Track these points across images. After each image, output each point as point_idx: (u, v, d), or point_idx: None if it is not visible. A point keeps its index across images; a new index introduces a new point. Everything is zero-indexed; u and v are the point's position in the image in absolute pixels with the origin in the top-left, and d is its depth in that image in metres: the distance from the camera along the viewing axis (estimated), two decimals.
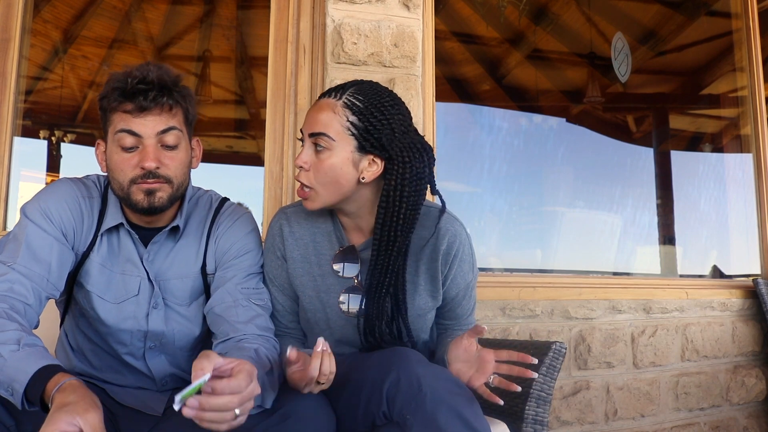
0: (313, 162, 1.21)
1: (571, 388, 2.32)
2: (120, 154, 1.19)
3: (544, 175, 4.36)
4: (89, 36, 3.95)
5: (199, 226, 1.33)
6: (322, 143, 1.20)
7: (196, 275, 1.31)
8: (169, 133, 1.20)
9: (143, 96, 1.16)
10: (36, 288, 1.14)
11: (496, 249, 3.99)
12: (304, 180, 1.22)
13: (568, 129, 4.54)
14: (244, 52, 4.22)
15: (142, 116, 1.18)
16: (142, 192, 1.19)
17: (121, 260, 1.27)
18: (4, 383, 0.98)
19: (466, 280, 1.32)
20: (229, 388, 0.90)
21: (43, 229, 1.19)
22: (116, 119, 1.19)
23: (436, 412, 1.01)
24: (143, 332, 1.27)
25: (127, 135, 1.18)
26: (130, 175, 1.19)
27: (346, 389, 1.14)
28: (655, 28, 4.08)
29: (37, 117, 4.15)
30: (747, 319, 2.74)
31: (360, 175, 1.21)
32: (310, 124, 1.22)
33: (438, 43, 2.31)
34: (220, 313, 1.24)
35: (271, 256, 1.33)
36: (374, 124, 1.20)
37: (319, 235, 1.32)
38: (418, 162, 1.22)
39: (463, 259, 1.30)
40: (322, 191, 1.22)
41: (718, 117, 4.13)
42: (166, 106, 1.19)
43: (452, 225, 1.29)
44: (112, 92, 1.17)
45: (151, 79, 1.17)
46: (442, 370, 1.09)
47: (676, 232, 4.17)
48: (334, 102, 1.21)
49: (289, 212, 1.34)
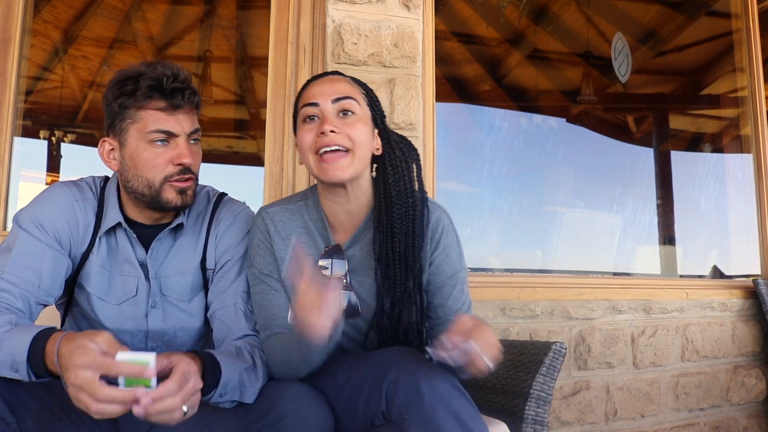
0: (342, 125, 1.19)
1: (571, 388, 2.32)
2: (151, 151, 1.19)
3: (544, 175, 4.36)
4: (89, 36, 3.95)
5: (198, 221, 1.33)
6: (351, 107, 1.21)
7: (196, 270, 1.31)
8: (196, 134, 1.24)
9: (180, 94, 1.18)
10: (25, 295, 1.14)
11: (496, 249, 3.99)
12: (340, 141, 1.18)
13: (568, 129, 4.54)
14: (244, 52, 4.22)
15: (176, 114, 1.19)
16: (175, 191, 1.20)
17: (119, 261, 1.27)
18: (7, 362, 1.00)
19: (453, 269, 1.30)
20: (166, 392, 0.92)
21: (34, 236, 1.19)
22: (146, 116, 1.18)
23: (434, 413, 1.00)
24: (144, 332, 1.27)
25: (162, 134, 1.19)
26: (164, 173, 1.20)
27: (346, 388, 1.13)
28: (655, 28, 4.08)
29: (38, 117, 4.15)
30: (747, 320, 2.74)
31: (374, 146, 1.26)
32: (331, 92, 1.21)
33: (438, 43, 2.31)
34: (221, 317, 1.27)
35: (263, 255, 1.29)
36: (377, 102, 1.29)
37: (303, 235, 1.30)
38: (405, 141, 1.32)
39: (449, 245, 1.29)
40: (358, 154, 1.20)
41: (718, 117, 4.13)
42: (193, 105, 1.23)
43: (435, 210, 1.30)
44: (146, 90, 1.17)
45: (183, 78, 1.19)
46: (441, 370, 1.08)
47: (676, 232, 4.17)
48: (343, 77, 1.27)
49: (271, 212, 1.32)
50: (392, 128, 2.02)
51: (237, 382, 1.10)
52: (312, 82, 1.28)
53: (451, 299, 1.30)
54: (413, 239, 1.23)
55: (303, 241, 1.29)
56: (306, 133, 1.22)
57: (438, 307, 1.31)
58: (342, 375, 1.15)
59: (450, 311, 1.32)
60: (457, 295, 1.31)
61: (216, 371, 1.06)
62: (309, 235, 1.30)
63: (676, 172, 4.27)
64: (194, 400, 0.98)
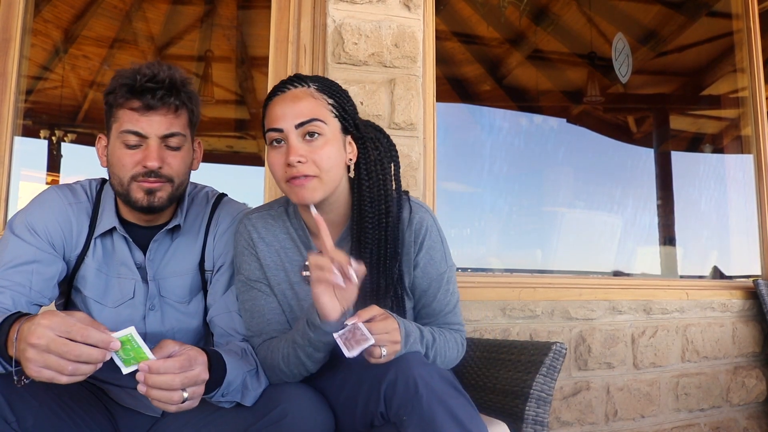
0: (308, 152, 1.16)
1: (571, 388, 2.32)
2: (122, 150, 1.19)
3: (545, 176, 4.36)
4: (90, 36, 3.95)
5: (196, 222, 1.33)
6: (316, 129, 1.17)
7: (194, 271, 1.31)
8: (172, 138, 1.20)
9: (151, 94, 1.16)
10: (17, 297, 1.14)
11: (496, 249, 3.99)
12: (306, 171, 1.16)
13: (568, 129, 4.54)
14: (245, 52, 4.22)
15: (149, 115, 1.18)
16: (143, 191, 1.19)
17: (116, 264, 1.27)
18: None
19: (438, 270, 1.29)
20: (164, 368, 0.93)
21: (25, 241, 1.19)
22: (122, 116, 1.19)
23: (433, 413, 1.00)
24: (141, 335, 1.27)
25: (132, 135, 1.18)
26: (131, 172, 1.19)
27: (345, 389, 1.14)
28: (655, 28, 4.08)
29: (38, 117, 4.15)
30: (747, 320, 2.74)
31: (347, 157, 1.23)
32: (294, 115, 1.17)
33: (438, 43, 2.31)
34: (221, 323, 1.27)
35: (249, 262, 1.28)
36: (347, 104, 1.24)
37: (286, 242, 1.30)
38: (383, 138, 1.29)
39: (432, 247, 1.28)
40: (326, 178, 1.17)
41: (718, 118, 4.13)
42: (172, 107, 1.19)
43: (418, 211, 1.28)
44: (120, 88, 1.17)
45: (160, 78, 1.18)
46: (439, 371, 1.08)
47: (676, 232, 4.17)
48: (307, 89, 1.21)
49: (253, 218, 1.31)
50: (392, 128, 2.03)
51: (240, 383, 1.10)
52: (275, 97, 1.22)
53: (436, 302, 1.31)
54: (386, 248, 1.22)
55: (286, 248, 1.29)
56: (274, 158, 1.19)
57: (425, 308, 1.32)
58: (341, 376, 1.15)
59: (437, 312, 1.32)
60: (441, 297, 1.31)
61: (221, 370, 1.06)
62: (291, 242, 1.30)
63: (676, 172, 4.27)
64: (197, 391, 0.97)
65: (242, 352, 1.18)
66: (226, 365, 1.07)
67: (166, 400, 0.93)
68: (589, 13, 4.14)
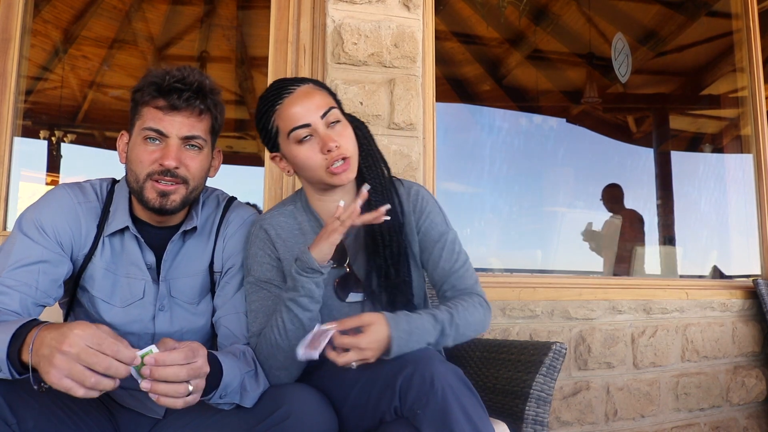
0: (337, 137, 1.26)
1: (571, 388, 2.32)
2: (142, 147, 1.20)
3: (545, 176, 4.37)
4: (89, 36, 3.96)
5: (207, 224, 1.34)
6: (335, 116, 1.27)
7: (205, 273, 1.32)
8: (193, 140, 1.22)
9: (177, 95, 1.18)
10: (22, 298, 1.14)
11: (496, 249, 4.00)
12: (344, 153, 1.25)
13: (568, 129, 4.54)
14: (245, 52, 4.22)
15: (172, 114, 1.19)
16: (156, 192, 1.20)
17: (125, 263, 1.27)
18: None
19: (439, 231, 1.35)
20: (170, 359, 0.93)
21: (34, 240, 1.19)
22: (146, 113, 1.20)
23: (447, 408, 1.02)
24: (150, 335, 1.27)
25: (153, 132, 1.19)
26: (147, 169, 1.19)
27: (357, 386, 1.15)
28: (655, 28, 4.08)
29: (38, 117, 4.16)
30: (747, 320, 2.74)
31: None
32: (314, 108, 1.26)
33: (438, 43, 2.31)
34: (227, 324, 1.28)
35: (262, 263, 1.31)
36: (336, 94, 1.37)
37: (300, 236, 1.34)
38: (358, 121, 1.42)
39: (431, 211, 1.37)
40: (354, 157, 1.29)
41: (718, 117, 4.13)
42: (196, 110, 1.21)
43: (411, 185, 1.40)
44: (148, 86, 1.19)
45: (189, 81, 1.19)
46: (455, 369, 1.10)
47: (676, 232, 4.18)
48: (309, 86, 1.31)
49: (266, 218, 1.35)
50: (392, 128, 2.04)
51: (238, 384, 1.10)
52: (283, 99, 1.28)
53: (442, 260, 1.34)
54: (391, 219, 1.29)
55: (299, 242, 1.34)
56: (307, 152, 1.26)
57: (435, 270, 1.35)
58: (352, 373, 1.16)
59: (447, 272, 1.34)
60: (447, 255, 1.34)
61: (217, 371, 1.06)
62: (303, 235, 1.34)
63: (676, 172, 4.28)
64: (200, 384, 0.97)
65: (241, 355, 1.18)
66: (222, 366, 1.07)
67: (172, 393, 0.93)
68: (588, 13, 4.15)
